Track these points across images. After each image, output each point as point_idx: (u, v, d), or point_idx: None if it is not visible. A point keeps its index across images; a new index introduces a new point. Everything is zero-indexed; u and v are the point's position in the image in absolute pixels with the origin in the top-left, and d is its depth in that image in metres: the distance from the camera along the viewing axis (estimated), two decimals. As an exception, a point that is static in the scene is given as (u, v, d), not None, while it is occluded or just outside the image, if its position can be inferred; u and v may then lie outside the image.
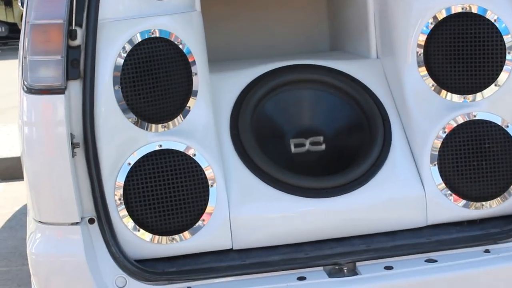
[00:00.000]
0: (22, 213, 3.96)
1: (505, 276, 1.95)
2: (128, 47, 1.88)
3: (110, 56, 1.87)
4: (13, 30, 14.17)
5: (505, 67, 2.02)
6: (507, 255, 1.95)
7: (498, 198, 2.04)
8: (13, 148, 5.05)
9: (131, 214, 1.89)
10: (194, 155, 1.92)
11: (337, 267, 1.88)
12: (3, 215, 4.23)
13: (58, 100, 1.79)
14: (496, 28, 2.01)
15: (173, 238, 1.92)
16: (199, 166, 1.93)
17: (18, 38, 2.74)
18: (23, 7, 2.36)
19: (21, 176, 2.16)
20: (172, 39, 1.94)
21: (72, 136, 1.81)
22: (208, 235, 1.94)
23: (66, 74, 1.79)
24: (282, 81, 2.24)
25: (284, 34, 2.89)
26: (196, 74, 1.99)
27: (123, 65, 1.87)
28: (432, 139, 2.06)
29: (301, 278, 1.86)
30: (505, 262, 1.93)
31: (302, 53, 2.69)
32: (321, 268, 1.90)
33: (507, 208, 2.06)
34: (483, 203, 2.04)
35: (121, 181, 1.88)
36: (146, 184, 1.90)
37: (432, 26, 2.07)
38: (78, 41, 1.81)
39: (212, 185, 1.94)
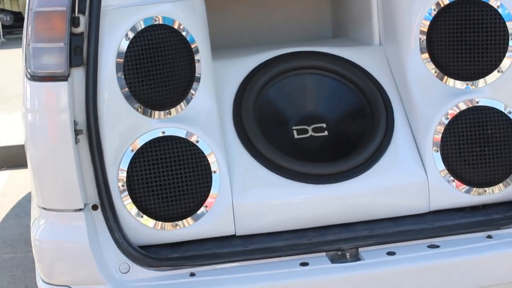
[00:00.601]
0: (27, 200, 3.98)
1: (507, 262, 1.95)
2: (131, 34, 1.87)
3: (113, 43, 1.87)
4: (18, 19, 14.15)
5: (508, 53, 2.02)
6: (509, 240, 1.96)
7: (501, 184, 2.04)
8: (18, 136, 5.10)
9: (134, 200, 1.90)
10: (197, 141, 1.93)
11: (339, 253, 1.90)
12: (9, 203, 4.28)
13: (62, 87, 1.80)
14: (499, 14, 2.00)
15: (176, 224, 1.93)
16: (202, 152, 1.93)
17: (23, 27, 2.76)
18: None
19: (26, 163, 2.19)
20: (175, 26, 1.94)
21: (75, 123, 1.82)
22: (211, 221, 1.95)
23: (69, 61, 1.80)
24: (285, 67, 2.25)
25: (287, 21, 2.88)
26: (199, 61, 1.99)
27: (126, 52, 1.86)
28: (434, 126, 2.06)
29: (304, 264, 1.87)
30: (508, 247, 1.94)
31: (305, 40, 2.68)
32: (324, 254, 1.91)
33: (509, 194, 2.06)
34: (486, 189, 2.05)
35: (124, 167, 1.89)
36: (149, 170, 1.90)
37: (435, 12, 2.07)
38: (81, 28, 1.81)
39: (215, 172, 1.94)
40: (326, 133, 2.20)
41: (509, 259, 1.96)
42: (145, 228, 1.93)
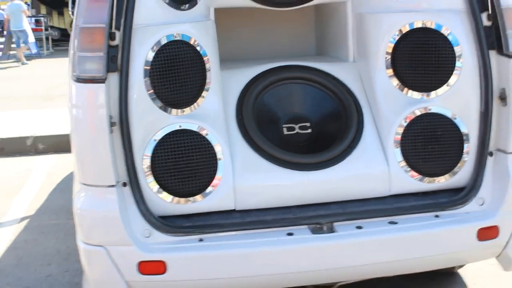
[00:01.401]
0: (69, 178, 4.32)
1: (450, 236, 2.24)
2: (156, 47, 2.14)
3: (141, 54, 2.14)
4: (64, 34, 16.43)
5: (455, 71, 2.28)
6: (452, 219, 2.26)
7: (447, 175, 2.30)
8: (61, 127, 5.54)
9: (156, 179, 2.15)
10: (206, 134, 2.18)
11: (318, 226, 2.18)
12: (55, 180, 4.79)
13: (100, 88, 2.07)
14: (449, 40, 2.28)
15: (188, 200, 2.17)
16: (210, 143, 2.19)
17: (68, 41, 3.07)
18: (73, 15, 2.61)
19: (69, 149, 2.45)
20: (191, 42, 2.21)
21: (110, 117, 2.08)
22: (216, 198, 2.20)
23: (106, 67, 2.07)
24: (278, 78, 2.49)
25: (279, 41, 3.12)
26: (209, 70, 2.25)
27: (152, 61, 2.13)
28: (395, 127, 2.33)
29: (290, 234, 2.14)
30: (451, 225, 2.24)
31: (294, 56, 2.92)
32: (306, 226, 2.18)
33: (453, 183, 2.33)
34: (435, 178, 2.31)
35: (148, 153, 2.13)
36: (168, 156, 2.16)
37: (398, 37, 2.34)
38: (117, 41, 2.09)
39: (220, 159, 2.19)
40: (309, 130, 2.45)
41: (451, 234, 2.24)
42: (164, 202, 2.17)
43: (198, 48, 2.24)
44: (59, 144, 5.46)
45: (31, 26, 14.71)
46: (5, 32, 15.03)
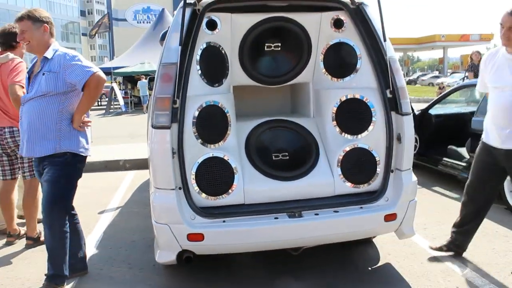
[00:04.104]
0: (145, 184, 5.82)
1: (368, 219, 2.92)
2: (199, 108, 2.79)
3: (191, 113, 2.77)
4: (140, 101, 22.26)
5: (372, 122, 2.98)
6: (370, 209, 2.93)
7: (366, 183, 3.00)
8: (139, 154, 7.95)
9: (198, 186, 2.79)
10: (228, 159, 2.83)
11: (292, 213, 2.81)
12: (136, 185, 6.44)
13: (167, 132, 2.69)
14: (368, 105, 3.00)
15: (217, 197, 2.81)
16: (230, 164, 2.83)
17: (141, 105, 4.84)
18: (151, 89, 3.39)
19: (145, 167, 3.31)
20: (219, 105, 2.87)
21: (172, 149, 2.68)
22: (234, 196, 2.83)
23: (171, 120, 2.67)
24: (269, 126, 3.12)
25: (270, 104, 3.74)
26: (230, 122, 2.89)
27: (197, 116, 2.79)
28: (337, 155, 2.99)
29: (276, 218, 2.77)
30: (369, 212, 2.91)
31: (278, 113, 3.40)
32: (285, 213, 2.80)
33: (371, 188, 3.01)
34: (360, 185, 2.99)
35: (193, 171, 2.77)
36: (205, 172, 2.79)
37: (339, 103, 3.05)
38: (177, 104, 2.71)
39: (235, 174, 2.82)
40: (287, 157, 3.04)
41: (369, 218, 2.90)
42: (202, 199, 2.79)
43: (223, 109, 2.86)
44: (138, 164, 7.61)
45: (122, 95, 22.38)
46: (106, 97, 23.28)
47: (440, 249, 3.67)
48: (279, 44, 3.11)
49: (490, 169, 3.34)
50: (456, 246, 3.63)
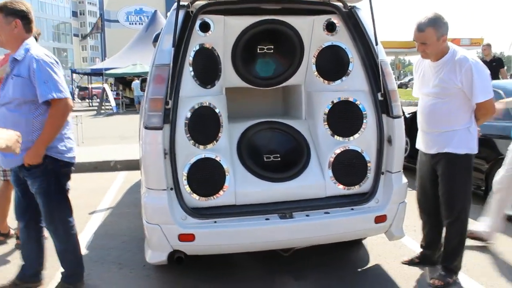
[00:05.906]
0: (136, 185, 5.79)
1: (359, 220, 2.92)
2: (192, 110, 2.76)
3: (183, 113, 2.75)
4: (132, 101, 22.83)
5: (363, 125, 2.99)
6: (360, 211, 2.94)
7: (357, 185, 3.01)
8: (131, 154, 7.94)
9: (190, 186, 2.77)
10: (220, 160, 2.81)
11: (283, 214, 2.80)
12: (127, 185, 6.40)
13: (159, 133, 2.67)
14: (360, 108, 3.01)
15: (208, 198, 2.80)
16: (222, 165, 2.81)
17: (134, 106, 4.75)
18: (143, 90, 3.30)
19: (136, 168, 3.37)
20: (211, 106, 2.87)
21: (164, 149, 2.66)
22: (225, 197, 2.81)
23: (163, 121, 2.65)
24: (261, 128, 3.13)
25: (262, 106, 3.73)
26: (222, 123, 2.87)
27: (189, 118, 2.76)
28: (329, 157, 2.98)
29: (267, 219, 2.76)
30: (359, 214, 2.92)
31: (270, 115, 3.44)
32: (276, 214, 2.79)
33: (361, 190, 3.02)
34: (351, 187, 2.99)
35: (185, 172, 2.74)
36: (197, 173, 2.76)
37: (331, 106, 3.05)
38: (169, 105, 2.69)
39: (227, 175, 2.81)
40: (279, 159, 3.04)
41: (360, 219, 2.91)
42: (194, 199, 2.77)
43: (215, 110, 2.86)
44: (129, 165, 7.62)
45: (113, 96, 22.45)
46: (97, 98, 24.21)
47: (411, 262, 3.52)
48: (272, 47, 3.12)
49: (428, 177, 3.26)
50: (428, 260, 3.48)
